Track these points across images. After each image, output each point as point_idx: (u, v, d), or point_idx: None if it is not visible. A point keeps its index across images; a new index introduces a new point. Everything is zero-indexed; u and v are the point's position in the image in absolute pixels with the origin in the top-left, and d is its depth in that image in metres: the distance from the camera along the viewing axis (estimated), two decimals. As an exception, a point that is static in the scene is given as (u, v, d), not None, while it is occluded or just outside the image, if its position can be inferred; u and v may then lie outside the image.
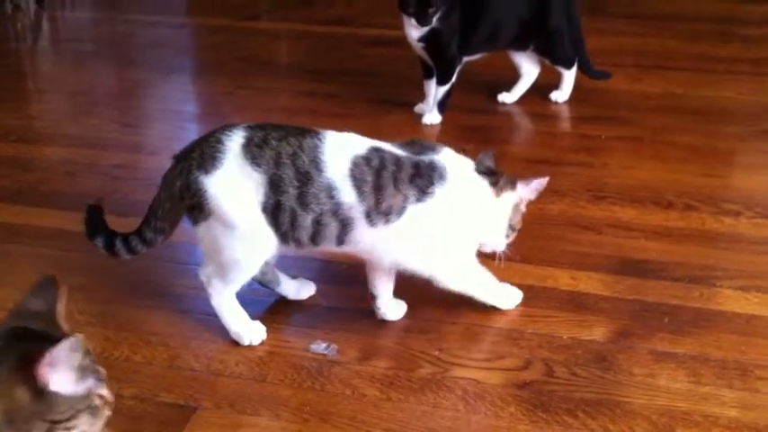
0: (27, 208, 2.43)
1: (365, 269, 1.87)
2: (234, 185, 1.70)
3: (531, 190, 1.85)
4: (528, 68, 3.05)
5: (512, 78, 3.08)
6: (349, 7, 4.49)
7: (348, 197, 1.68)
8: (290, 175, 1.68)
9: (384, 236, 1.72)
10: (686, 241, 2.21)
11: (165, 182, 1.79)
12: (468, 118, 3.02)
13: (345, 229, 1.71)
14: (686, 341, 1.82)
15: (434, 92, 2.93)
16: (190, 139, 2.98)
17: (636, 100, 3.13)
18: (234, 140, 1.71)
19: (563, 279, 2.05)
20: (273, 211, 1.70)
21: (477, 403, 1.66)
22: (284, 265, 1.95)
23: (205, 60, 3.89)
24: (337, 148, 1.72)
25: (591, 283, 2.04)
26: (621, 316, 1.91)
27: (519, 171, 1.93)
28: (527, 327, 1.87)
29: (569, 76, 3.04)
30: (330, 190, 1.68)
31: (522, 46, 2.97)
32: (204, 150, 1.72)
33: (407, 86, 3.06)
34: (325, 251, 1.82)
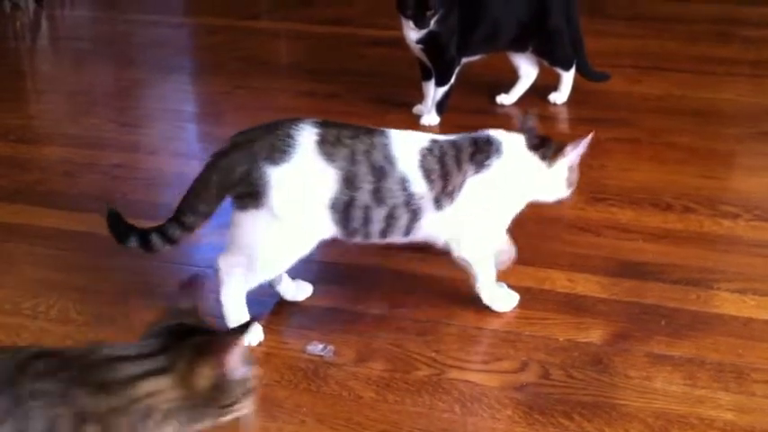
0: (25, 207, 2.43)
1: (360, 270, 1.88)
2: (300, 180, 1.73)
3: (579, 151, 1.89)
4: (527, 70, 3.05)
5: (510, 80, 3.08)
6: (348, 7, 4.49)
7: (419, 188, 1.77)
8: (364, 171, 1.74)
9: (446, 216, 1.81)
10: (684, 243, 2.21)
11: (215, 166, 1.77)
12: (467, 119, 3.01)
13: (415, 218, 1.79)
14: (683, 344, 1.82)
15: (433, 93, 2.93)
16: (189, 139, 3.03)
17: (634, 101, 3.13)
18: (305, 136, 1.74)
19: (560, 281, 2.05)
20: (345, 207, 1.74)
21: (473, 405, 1.66)
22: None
23: (204, 60, 3.89)
24: (404, 143, 1.80)
25: (588, 285, 2.04)
26: (618, 318, 1.91)
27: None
28: (524, 329, 1.87)
29: (568, 77, 3.04)
30: (403, 183, 1.76)
31: (521, 47, 2.97)
32: (274, 143, 1.73)
33: (406, 87, 3.06)
34: (319, 253, 1.83)
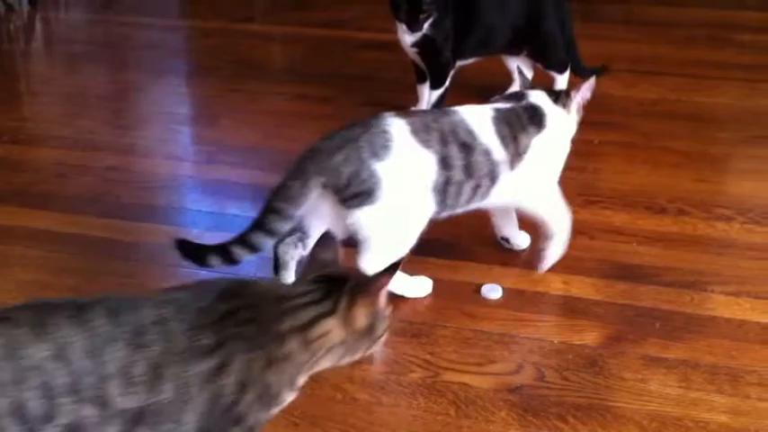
0: (19, 209, 2.42)
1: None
2: (406, 169, 1.82)
3: (583, 93, 2.05)
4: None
5: (505, 83, 3.08)
6: (343, 11, 4.49)
7: (499, 155, 1.90)
8: (455, 150, 1.85)
9: (517, 176, 1.94)
10: (678, 246, 2.21)
11: (315, 170, 1.80)
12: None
13: (493, 183, 1.92)
14: (677, 346, 1.82)
15: (428, 96, 2.93)
16: (183, 142, 3.03)
17: (629, 105, 3.14)
18: (397, 128, 1.84)
19: (555, 283, 2.05)
20: (443, 186, 1.86)
21: (468, 408, 1.66)
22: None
23: (198, 63, 3.89)
24: (476, 117, 1.92)
25: (583, 287, 2.04)
26: (613, 321, 1.91)
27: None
28: (518, 331, 1.87)
29: (563, 80, 3.04)
30: (487, 153, 1.88)
31: (516, 51, 2.97)
32: (372, 140, 1.81)
33: (401, 90, 3.06)
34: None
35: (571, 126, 2.07)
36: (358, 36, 4.00)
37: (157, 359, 1.11)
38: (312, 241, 1.80)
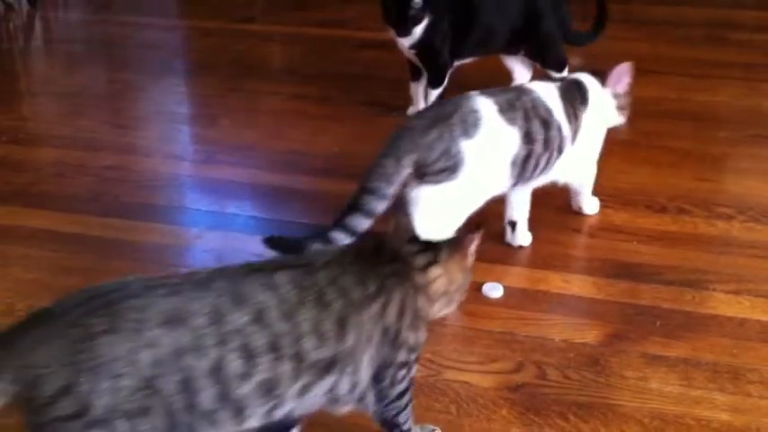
0: (18, 209, 2.42)
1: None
2: (492, 146, 1.93)
3: (617, 79, 2.20)
4: (521, 72, 3.05)
5: (505, 82, 3.08)
6: (342, 10, 4.48)
7: (567, 130, 2.05)
8: (536, 125, 1.98)
9: (573, 150, 2.08)
10: (679, 245, 2.21)
11: (409, 148, 1.87)
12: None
13: (558, 156, 2.05)
14: (678, 344, 1.82)
15: (422, 93, 2.94)
16: (182, 141, 3.02)
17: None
18: (485, 107, 1.94)
19: (556, 282, 2.05)
20: (524, 159, 1.97)
21: (469, 406, 1.66)
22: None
23: (198, 62, 3.88)
24: (547, 94, 2.05)
25: (584, 286, 2.04)
26: (614, 319, 1.91)
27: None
28: (519, 329, 1.87)
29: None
30: (559, 128, 2.02)
31: (514, 50, 2.97)
32: (464, 119, 1.91)
33: (400, 89, 3.05)
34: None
35: (609, 107, 2.19)
36: (357, 35, 3.99)
37: (340, 313, 1.27)
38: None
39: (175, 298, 1.20)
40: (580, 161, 2.17)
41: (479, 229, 1.41)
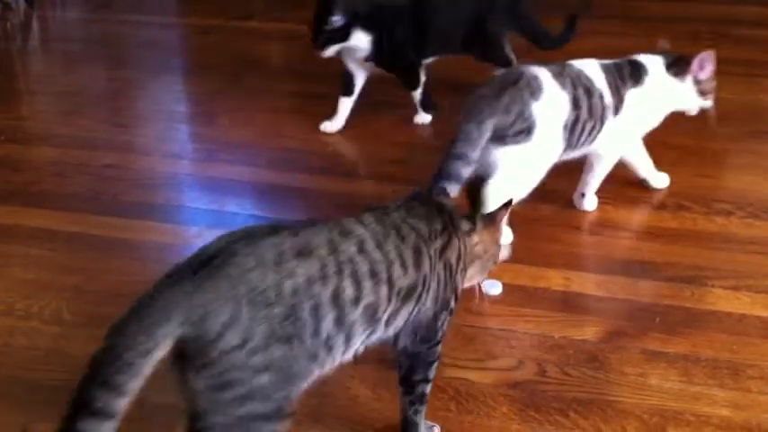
0: (17, 208, 2.42)
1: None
2: (554, 109, 2.09)
3: (699, 65, 2.28)
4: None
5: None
6: (341, 8, 4.47)
7: (608, 100, 2.17)
8: (581, 92, 2.12)
9: (615, 123, 2.19)
10: (678, 241, 2.21)
11: (488, 113, 2.03)
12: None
13: (601, 126, 2.17)
14: (678, 341, 1.82)
15: (347, 109, 2.89)
16: (181, 139, 3.02)
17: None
18: (543, 73, 2.11)
19: (555, 279, 2.05)
20: (573, 124, 2.11)
21: (469, 403, 1.66)
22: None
23: (196, 60, 3.88)
24: (589, 67, 2.19)
25: (583, 283, 2.04)
26: (613, 316, 1.91)
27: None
28: (519, 327, 1.87)
29: None
30: (601, 97, 2.15)
31: (469, 51, 2.92)
32: (530, 83, 2.08)
33: (396, 87, 3.04)
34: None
35: (683, 94, 2.29)
36: (356, 33, 3.98)
37: (415, 244, 1.40)
38: None
39: (299, 236, 1.31)
40: (619, 136, 2.24)
41: (509, 205, 1.55)
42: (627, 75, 2.23)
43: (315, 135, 2.89)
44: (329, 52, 2.75)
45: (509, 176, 2.07)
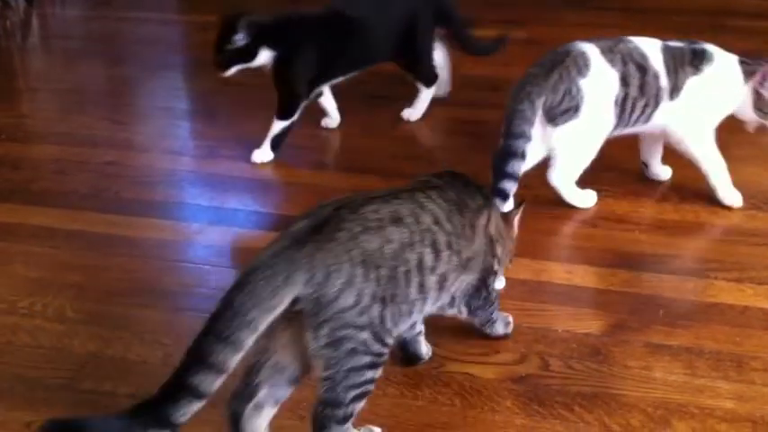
0: (18, 206, 2.42)
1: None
2: (602, 85, 2.16)
3: (758, 78, 2.23)
4: (439, 60, 2.94)
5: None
6: (340, 3, 4.46)
7: (664, 81, 2.20)
8: (633, 69, 2.18)
9: (672, 108, 2.22)
10: (680, 234, 2.21)
11: (537, 92, 2.14)
12: (459, 112, 3.01)
13: (655, 107, 2.22)
14: (681, 333, 1.82)
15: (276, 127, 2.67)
16: (182, 136, 3.02)
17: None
18: (590, 50, 2.19)
19: (558, 273, 2.05)
20: (623, 101, 2.18)
21: (473, 398, 1.66)
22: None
23: (196, 57, 3.87)
24: (647, 45, 2.23)
25: (586, 276, 2.04)
26: (616, 309, 1.91)
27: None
28: (522, 321, 1.87)
29: (427, 95, 2.91)
30: (656, 77, 2.19)
31: (388, 61, 2.84)
32: (577, 61, 2.17)
33: (398, 84, 3.03)
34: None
35: (742, 98, 2.25)
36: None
37: (470, 219, 1.54)
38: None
39: (391, 203, 1.44)
40: (682, 123, 2.25)
41: (522, 205, 1.71)
42: (687, 61, 2.23)
43: (315, 130, 2.89)
44: (232, 72, 2.60)
45: (567, 157, 2.21)
